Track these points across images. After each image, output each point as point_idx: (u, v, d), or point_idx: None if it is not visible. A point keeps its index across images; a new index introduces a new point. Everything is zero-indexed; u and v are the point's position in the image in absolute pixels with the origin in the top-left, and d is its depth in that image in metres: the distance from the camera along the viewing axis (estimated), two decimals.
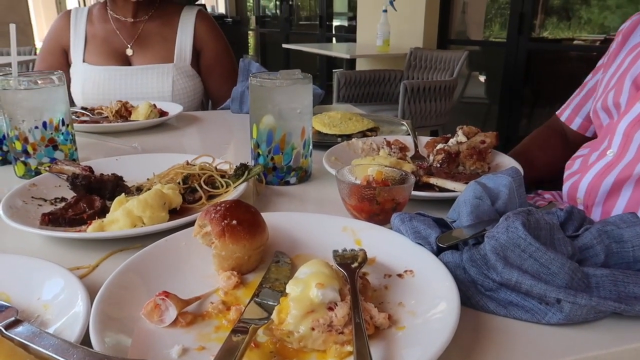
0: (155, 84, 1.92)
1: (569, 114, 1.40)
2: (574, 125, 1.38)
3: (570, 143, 1.39)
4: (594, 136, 1.28)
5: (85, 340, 0.53)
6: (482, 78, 5.73)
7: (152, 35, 1.98)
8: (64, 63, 2.00)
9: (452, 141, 1.16)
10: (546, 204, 1.26)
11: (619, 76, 1.17)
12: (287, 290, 0.58)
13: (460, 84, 4.85)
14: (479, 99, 5.62)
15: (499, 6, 5.37)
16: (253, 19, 9.67)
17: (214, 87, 2.10)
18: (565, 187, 1.20)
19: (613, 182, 1.06)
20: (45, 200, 0.96)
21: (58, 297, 0.62)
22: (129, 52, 1.95)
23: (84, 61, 1.95)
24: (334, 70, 4.70)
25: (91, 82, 1.91)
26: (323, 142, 1.34)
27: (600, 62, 1.38)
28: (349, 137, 1.38)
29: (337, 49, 5.49)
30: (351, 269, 0.64)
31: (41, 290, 0.63)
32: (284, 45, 6.15)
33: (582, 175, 1.13)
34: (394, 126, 1.54)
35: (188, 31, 2.01)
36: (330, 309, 0.55)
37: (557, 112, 1.45)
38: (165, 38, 1.99)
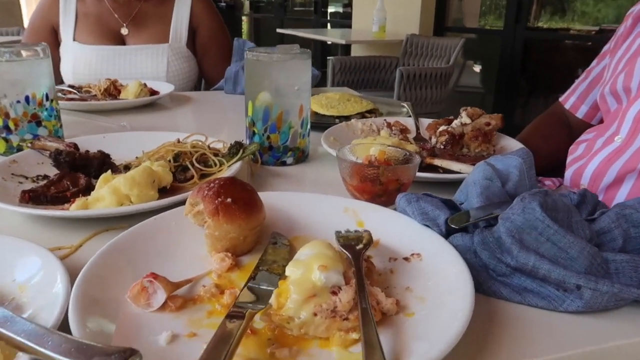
0: (149, 65, 1.86)
1: (574, 101, 1.36)
2: (580, 114, 1.34)
3: (573, 131, 1.35)
4: (599, 124, 1.24)
5: (64, 326, 0.48)
6: (477, 67, 5.69)
7: (149, 14, 1.91)
8: (53, 42, 1.91)
9: (455, 123, 1.11)
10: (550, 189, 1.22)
11: (628, 59, 1.13)
12: (287, 273, 0.53)
13: (455, 72, 4.80)
14: (474, 88, 5.58)
15: None
16: (247, 4, 9.52)
17: (209, 67, 2.04)
18: (569, 172, 1.16)
19: (618, 171, 1.02)
20: (27, 178, 0.90)
21: (35, 279, 0.56)
22: (124, 31, 1.88)
23: (74, 40, 1.88)
24: (328, 57, 4.62)
25: (82, 61, 1.84)
26: (320, 123, 1.29)
27: (605, 48, 1.33)
28: (347, 118, 1.33)
29: (332, 35, 5.42)
30: (356, 251, 0.59)
31: (16, 271, 0.58)
32: (278, 30, 6.05)
33: (588, 162, 1.09)
34: (394, 108, 1.49)
35: (184, 10, 1.94)
36: (334, 293, 0.51)
37: (560, 99, 1.41)
38: (161, 18, 1.92)
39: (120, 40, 1.90)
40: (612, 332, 0.55)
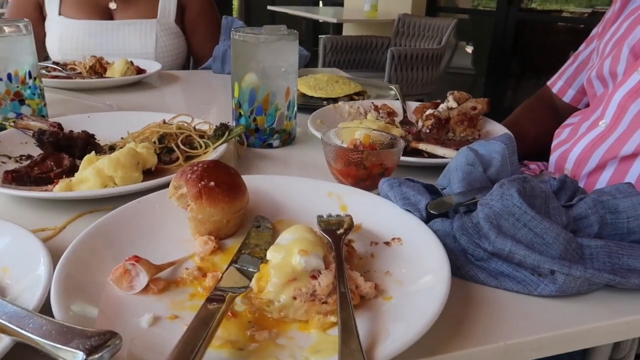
0: (137, 41, 1.83)
1: (561, 85, 1.36)
2: (567, 98, 1.35)
3: (560, 115, 1.36)
4: (587, 107, 1.24)
5: (47, 308, 0.48)
6: (469, 49, 5.66)
7: None
8: (37, 16, 1.87)
9: (442, 106, 1.11)
10: (533, 174, 1.23)
11: (614, 42, 1.13)
12: (268, 257, 0.54)
13: (446, 54, 4.78)
14: (465, 69, 5.56)
15: None
16: None
17: (197, 45, 2.01)
18: (554, 156, 1.17)
19: (601, 157, 1.04)
20: (10, 158, 0.90)
21: (17, 260, 0.57)
22: (112, 5, 1.85)
23: (60, 14, 1.83)
24: (319, 36, 4.57)
25: (69, 36, 1.80)
26: (308, 105, 1.29)
27: (594, 32, 1.33)
28: (335, 100, 1.33)
29: (324, 13, 5.35)
30: (336, 236, 0.60)
31: None
32: (269, 8, 5.96)
33: (573, 146, 1.10)
34: (382, 90, 1.48)
35: None
36: (314, 277, 0.52)
37: (548, 83, 1.41)
38: None
39: (108, 16, 1.86)
40: (585, 315, 0.57)
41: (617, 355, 0.74)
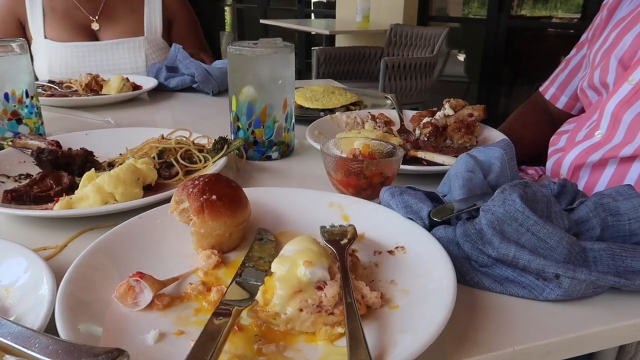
0: (127, 59, 1.84)
1: (553, 92, 1.37)
2: (560, 104, 1.36)
3: (554, 121, 1.37)
4: (580, 114, 1.25)
5: (51, 328, 0.48)
6: (461, 57, 5.71)
7: (118, 7, 1.89)
8: (20, 37, 1.86)
9: (439, 114, 1.12)
10: (532, 179, 1.24)
11: (603, 53, 1.14)
12: (273, 269, 0.54)
13: (439, 62, 4.82)
14: (458, 77, 5.60)
15: None
16: None
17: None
18: (549, 163, 1.18)
19: (598, 160, 1.04)
20: (9, 177, 0.89)
21: (20, 280, 0.56)
22: (95, 26, 1.85)
23: (45, 37, 1.83)
24: (312, 48, 4.60)
25: (57, 59, 1.80)
26: (305, 116, 1.29)
27: (584, 37, 1.34)
28: (331, 111, 1.33)
29: (316, 25, 5.39)
30: (340, 246, 0.60)
31: (1, 273, 0.58)
32: (262, 21, 6.00)
33: (567, 152, 1.11)
34: (378, 100, 1.49)
35: (156, 2, 1.93)
36: (319, 288, 0.52)
37: (540, 89, 1.42)
38: (132, 9, 1.90)
39: (93, 36, 1.87)
40: (590, 319, 0.57)
41: (622, 357, 0.74)
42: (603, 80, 1.10)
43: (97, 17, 1.85)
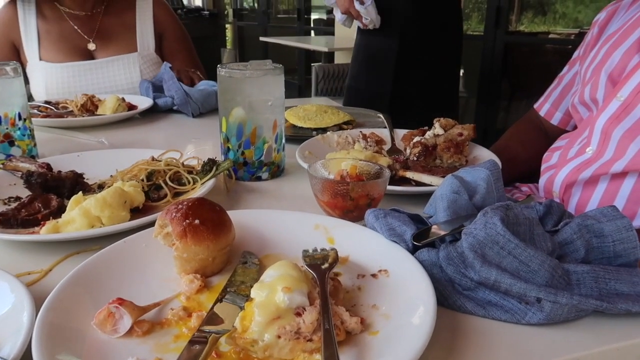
0: (122, 76, 1.87)
1: (548, 108, 1.38)
2: (554, 120, 1.36)
3: (549, 137, 1.37)
4: (574, 129, 1.26)
5: (29, 356, 0.48)
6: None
7: (113, 26, 1.92)
8: (14, 59, 1.88)
9: (429, 134, 1.12)
10: (524, 197, 1.24)
11: (593, 69, 1.15)
12: (252, 295, 0.54)
13: None
14: None
15: (476, 0, 5.39)
16: (230, 12, 9.52)
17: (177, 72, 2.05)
18: (542, 180, 1.18)
19: (589, 177, 1.04)
20: None
21: (1, 307, 0.56)
22: (92, 46, 1.88)
23: (40, 59, 1.85)
24: (312, 64, 4.64)
25: (54, 80, 1.82)
26: (297, 135, 1.30)
27: (576, 54, 1.36)
28: (324, 130, 1.34)
29: (316, 42, 5.44)
30: (321, 271, 0.60)
31: None
32: (262, 39, 6.06)
33: (559, 170, 1.11)
34: (371, 119, 1.50)
35: (147, 17, 1.96)
36: (298, 314, 0.52)
37: (535, 106, 1.43)
38: (126, 28, 1.93)
39: (89, 56, 1.89)
40: (573, 343, 0.56)
41: None
42: (593, 96, 1.11)
43: (93, 38, 1.88)
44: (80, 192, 0.82)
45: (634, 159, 0.97)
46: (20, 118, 1.08)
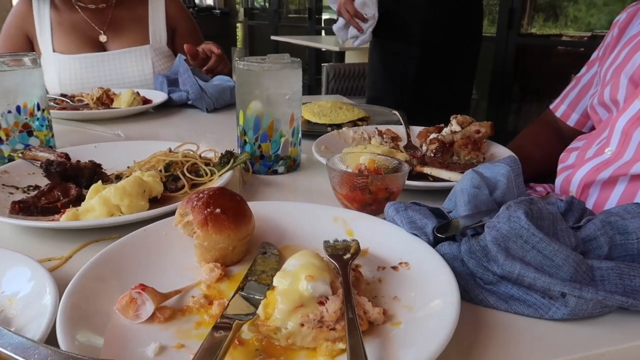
0: (135, 68, 1.88)
1: (564, 109, 1.37)
2: (571, 122, 1.35)
3: (565, 138, 1.36)
4: (591, 131, 1.24)
5: (53, 338, 0.48)
6: None
7: (124, 19, 1.94)
8: (28, 51, 1.90)
9: (445, 130, 1.12)
10: (539, 196, 1.23)
11: (613, 70, 1.14)
12: (275, 283, 0.53)
13: None
14: None
15: (488, 2, 5.36)
16: (241, 11, 9.55)
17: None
18: (559, 180, 1.17)
19: (608, 177, 1.03)
20: (18, 188, 0.91)
21: (24, 290, 0.57)
22: (103, 38, 1.90)
23: (54, 51, 1.87)
24: (322, 64, 4.64)
25: (67, 71, 1.84)
26: (313, 131, 1.30)
27: (594, 55, 1.34)
28: (339, 126, 1.34)
29: (326, 42, 5.43)
30: (343, 261, 0.59)
31: (5, 283, 0.58)
32: (273, 38, 6.07)
33: (577, 169, 1.10)
34: (385, 116, 1.50)
35: (160, 11, 1.98)
36: (321, 303, 0.51)
37: (551, 107, 1.42)
38: (137, 21, 1.95)
39: (101, 48, 1.91)
40: (597, 339, 0.55)
41: None
42: (613, 97, 1.10)
43: (104, 29, 1.89)
44: (100, 181, 0.82)
45: None
46: (39, 108, 1.09)
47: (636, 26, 1.18)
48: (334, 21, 2.23)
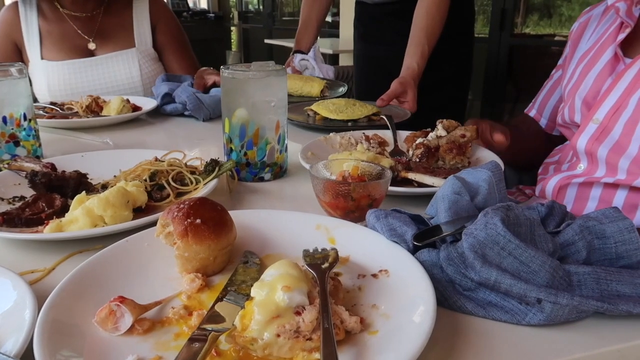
0: (122, 72, 1.90)
1: (534, 114, 1.39)
2: (542, 125, 1.37)
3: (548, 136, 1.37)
4: (561, 134, 1.26)
5: (30, 353, 0.48)
6: None
7: (112, 26, 1.95)
8: (16, 60, 1.90)
9: (431, 135, 1.12)
10: (527, 199, 1.24)
11: (569, 91, 1.16)
12: (252, 294, 0.54)
13: None
14: None
15: (481, 2, 5.37)
16: (236, 14, 9.55)
17: (171, 65, 2.07)
18: (537, 189, 1.18)
19: (583, 181, 1.05)
20: (3, 199, 0.91)
21: (5, 305, 0.57)
22: (92, 46, 1.91)
23: (42, 58, 1.88)
24: None
25: (55, 78, 1.85)
26: (332, 127, 1.36)
27: (560, 62, 1.36)
28: (355, 121, 1.41)
29: (321, 45, 5.43)
30: (321, 270, 0.60)
31: None
32: (267, 41, 6.08)
33: (551, 177, 1.12)
34: (393, 110, 1.54)
35: (144, 13, 1.99)
36: (298, 313, 0.52)
37: (525, 110, 1.44)
38: (124, 26, 1.96)
39: (90, 55, 1.92)
40: (574, 344, 0.56)
41: None
42: (571, 118, 1.13)
43: (93, 37, 1.90)
44: (84, 192, 0.83)
45: (629, 170, 0.97)
46: (25, 119, 1.09)
47: (586, 41, 1.19)
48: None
